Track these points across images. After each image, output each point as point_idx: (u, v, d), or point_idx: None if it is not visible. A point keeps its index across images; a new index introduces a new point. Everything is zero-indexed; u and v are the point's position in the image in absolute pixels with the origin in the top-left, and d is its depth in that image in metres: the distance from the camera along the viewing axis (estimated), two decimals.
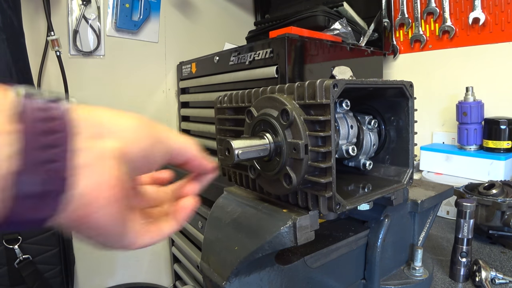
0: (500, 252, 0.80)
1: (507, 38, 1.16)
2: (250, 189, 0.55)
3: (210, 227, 0.55)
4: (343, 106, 0.49)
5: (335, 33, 1.20)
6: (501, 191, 0.82)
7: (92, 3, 1.41)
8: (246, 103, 0.53)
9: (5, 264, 1.13)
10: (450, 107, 1.29)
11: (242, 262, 0.46)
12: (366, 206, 0.52)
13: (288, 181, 0.44)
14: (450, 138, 1.31)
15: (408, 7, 1.38)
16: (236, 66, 1.20)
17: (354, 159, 0.57)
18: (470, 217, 0.66)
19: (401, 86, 0.51)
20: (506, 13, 1.14)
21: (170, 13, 1.65)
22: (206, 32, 1.78)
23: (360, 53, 1.29)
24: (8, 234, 1.13)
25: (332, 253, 0.55)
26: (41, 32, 1.31)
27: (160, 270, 1.81)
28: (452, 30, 1.27)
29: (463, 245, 0.67)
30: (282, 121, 0.43)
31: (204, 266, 0.53)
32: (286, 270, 0.51)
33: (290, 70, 1.02)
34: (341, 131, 0.51)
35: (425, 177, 1.17)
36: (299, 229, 0.43)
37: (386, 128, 0.57)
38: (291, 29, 1.06)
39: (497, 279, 0.66)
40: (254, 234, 0.47)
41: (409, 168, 0.54)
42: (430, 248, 0.84)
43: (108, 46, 1.48)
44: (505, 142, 1.08)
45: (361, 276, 0.62)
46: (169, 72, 1.69)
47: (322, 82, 0.41)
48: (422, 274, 0.63)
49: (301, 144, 0.41)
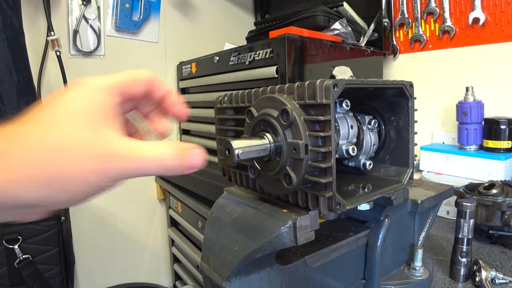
0: (500, 252, 0.80)
1: (507, 38, 1.16)
2: (250, 189, 0.55)
3: (210, 227, 0.55)
4: (343, 106, 0.49)
5: (335, 33, 1.20)
6: (501, 191, 0.82)
7: (92, 3, 1.41)
8: (246, 103, 0.53)
9: (5, 264, 1.14)
10: (450, 107, 1.29)
11: (242, 262, 0.46)
12: (366, 206, 0.52)
13: (288, 181, 0.44)
14: (450, 138, 1.31)
15: (408, 7, 1.38)
16: (236, 66, 1.20)
17: (354, 159, 0.57)
18: (470, 217, 0.66)
19: (401, 86, 0.51)
20: (506, 13, 1.14)
21: (170, 13, 1.65)
22: (206, 32, 1.78)
23: (360, 53, 1.29)
24: (8, 234, 1.14)
25: (332, 253, 0.55)
26: (41, 32, 1.31)
27: (160, 270, 1.81)
28: (452, 30, 1.27)
29: (463, 245, 0.67)
30: (282, 121, 0.43)
31: (204, 266, 0.53)
32: (286, 270, 0.51)
33: (290, 70, 1.02)
34: (341, 131, 0.51)
35: (425, 177, 1.17)
36: (299, 229, 0.43)
37: (386, 128, 0.57)
38: (291, 29, 1.06)
39: (497, 279, 0.66)
40: (254, 234, 0.47)
41: (409, 168, 0.54)
42: (430, 248, 0.84)
43: (108, 46, 1.48)
44: (505, 142, 1.08)
45: (361, 276, 0.62)
46: (169, 72, 1.69)
47: (322, 82, 0.41)
48: (422, 274, 0.63)
49: (301, 144, 0.41)
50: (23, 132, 0.27)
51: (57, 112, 0.28)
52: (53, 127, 0.27)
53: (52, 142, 0.26)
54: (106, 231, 1.61)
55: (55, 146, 0.26)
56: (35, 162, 0.26)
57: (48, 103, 0.28)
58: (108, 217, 1.60)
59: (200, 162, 0.31)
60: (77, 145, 0.27)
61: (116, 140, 0.28)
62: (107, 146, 0.28)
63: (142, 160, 0.28)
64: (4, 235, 1.13)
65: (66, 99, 0.28)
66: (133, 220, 1.68)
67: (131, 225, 1.68)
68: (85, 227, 1.52)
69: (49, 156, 0.26)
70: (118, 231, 1.64)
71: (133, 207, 1.65)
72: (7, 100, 1.03)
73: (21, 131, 0.27)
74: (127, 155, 0.28)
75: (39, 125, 0.27)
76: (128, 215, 1.65)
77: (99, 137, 0.28)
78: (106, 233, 1.61)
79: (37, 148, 0.26)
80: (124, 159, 0.28)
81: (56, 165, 0.26)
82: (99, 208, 1.57)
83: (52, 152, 0.26)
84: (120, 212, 1.63)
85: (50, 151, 0.26)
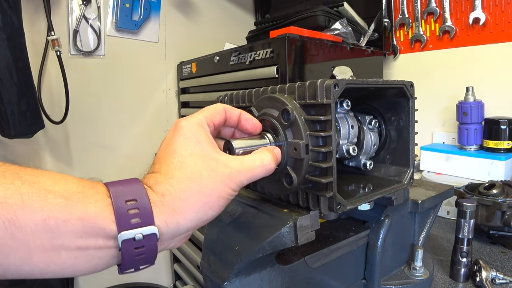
0: (500, 252, 0.80)
1: (507, 38, 1.16)
2: (250, 189, 0.55)
3: (210, 227, 0.55)
4: (344, 106, 0.49)
5: (335, 33, 1.20)
6: (501, 191, 0.82)
7: (92, 3, 1.41)
8: (247, 103, 0.53)
9: None
10: (450, 107, 1.29)
11: (242, 262, 0.46)
12: (366, 206, 0.52)
13: (289, 181, 0.44)
14: (451, 138, 1.31)
15: (409, 7, 1.38)
16: (236, 66, 1.20)
17: (354, 159, 0.57)
18: (471, 217, 0.66)
19: (401, 86, 0.51)
20: (506, 13, 1.14)
21: (170, 13, 1.65)
22: (206, 32, 1.78)
23: (361, 53, 1.29)
24: None
25: (332, 253, 0.55)
26: (41, 32, 1.30)
27: (160, 270, 1.81)
28: (452, 30, 1.27)
29: (464, 245, 0.67)
30: (283, 121, 0.43)
31: (204, 266, 0.53)
32: (287, 270, 0.51)
33: (290, 70, 1.02)
34: (342, 131, 0.51)
35: (425, 177, 1.17)
36: (299, 229, 0.43)
37: (386, 128, 0.57)
38: (292, 29, 1.06)
39: (497, 279, 0.66)
40: (255, 234, 0.47)
41: (410, 168, 0.54)
42: (430, 248, 0.84)
43: (108, 46, 1.48)
44: (505, 142, 1.08)
45: (362, 276, 0.62)
46: (169, 72, 1.69)
47: (323, 82, 0.41)
48: (423, 274, 0.63)
49: (302, 144, 0.41)
50: (168, 176, 0.35)
51: (181, 157, 0.36)
52: (186, 167, 0.36)
53: (192, 177, 0.35)
54: None
55: (196, 178, 0.35)
56: (187, 195, 0.34)
57: (165, 153, 0.37)
58: None
59: (280, 157, 0.43)
60: (208, 174, 0.36)
61: (229, 160, 0.37)
62: (228, 167, 0.37)
63: (253, 170, 0.38)
64: None
65: (177, 145, 0.37)
66: None
67: None
68: None
69: (196, 187, 0.35)
70: None
71: None
72: (7, 100, 1.03)
73: (166, 176, 0.35)
74: (243, 169, 0.37)
75: (177, 169, 0.36)
76: None
77: (219, 163, 0.37)
78: None
79: (184, 184, 0.35)
80: (243, 173, 0.37)
81: (203, 192, 0.35)
82: None
83: (196, 183, 0.35)
84: None
85: (195, 183, 0.35)
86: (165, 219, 0.33)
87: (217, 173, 0.36)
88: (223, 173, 0.36)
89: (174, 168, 0.35)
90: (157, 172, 0.36)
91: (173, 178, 0.35)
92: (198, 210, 0.35)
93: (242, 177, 0.37)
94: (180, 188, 0.34)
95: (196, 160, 0.36)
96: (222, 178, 0.36)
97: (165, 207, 0.33)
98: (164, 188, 0.34)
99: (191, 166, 0.36)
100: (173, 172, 0.35)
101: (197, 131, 0.38)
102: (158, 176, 0.35)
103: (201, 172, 0.35)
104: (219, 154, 0.38)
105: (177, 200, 0.34)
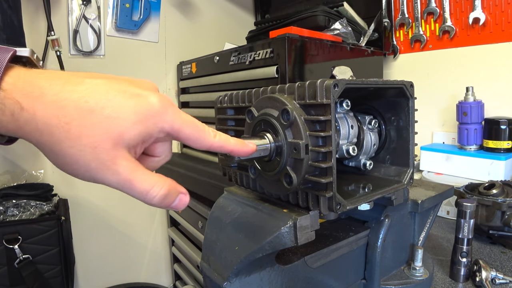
0: (500, 252, 0.80)
1: (507, 38, 1.16)
2: (250, 189, 0.55)
3: (210, 227, 0.55)
4: (344, 106, 0.49)
5: (335, 33, 1.20)
6: (501, 191, 0.82)
7: (92, 3, 1.41)
8: (247, 103, 0.53)
9: (5, 264, 1.13)
10: (450, 107, 1.29)
11: (242, 262, 0.46)
12: (366, 206, 0.52)
13: (288, 181, 0.44)
14: (450, 138, 1.31)
15: (408, 7, 1.38)
16: (236, 66, 1.20)
17: (354, 159, 0.57)
18: (471, 217, 0.66)
19: (401, 86, 0.51)
20: (506, 13, 1.14)
21: (170, 13, 1.65)
22: (206, 32, 1.78)
23: (360, 53, 1.29)
24: (8, 234, 1.14)
25: (332, 253, 0.55)
26: (41, 32, 1.31)
27: (160, 270, 1.81)
28: (452, 30, 1.27)
29: (464, 245, 0.67)
30: (283, 121, 0.43)
31: (204, 266, 0.53)
32: (287, 270, 0.51)
33: (290, 70, 1.02)
34: (342, 131, 0.51)
35: (425, 177, 1.17)
36: (299, 229, 0.43)
37: (386, 128, 0.57)
38: (291, 29, 1.06)
39: (497, 279, 0.66)
40: (255, 234, 0.47)
41: (410, 168, 0.54)
42: (430, 248, 0.84)
43: (108, 46, 1.48)
44: (505, 142, 1.08)
45: (361, 276, 0.62)
46: (169, 72, 1.69)
47: (323, 82, 0.41)
48: (423, 274, 0.63)
49: (301, 144, 0.41)
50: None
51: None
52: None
53: (76, 134, 0.29)
54: (106, 231, 1.61)
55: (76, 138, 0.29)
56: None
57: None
58: (108, 217, 1.60)
59: (180, 208, 0.34)
60: (92, 157, 0.30)
61: (125, 160, 0.31)
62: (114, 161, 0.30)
63: (133, 185, 0.31)
64: (4, 235, 1.13)
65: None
66: (133, 220, 1.68)
67: (131, 225, 1.68)
68: (85, 227, 1.52)
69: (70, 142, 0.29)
70: (118, 231, 1.64)
71: (133, 207, 1.65)
72: None
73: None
74: (125, 187, 0.31)
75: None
76: (128, 215, 1.65)
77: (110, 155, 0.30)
78: (106, 233, 1.61)
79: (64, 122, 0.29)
80: (125, 189, 0.31)
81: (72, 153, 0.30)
82: (99, 208, 1.57)
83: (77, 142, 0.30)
84: (120, 212, 1.63)
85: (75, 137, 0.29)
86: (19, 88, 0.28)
87: (98, 157, 0.30)
88: (105, 159, 0.30)
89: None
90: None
91: (63, 108, 0.29)
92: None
93: (114, 178, 0.31)
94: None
95: (96, 131, 0.29)
96: (101, 159, 0.30)
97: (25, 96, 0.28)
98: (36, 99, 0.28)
99: (88, 131, 0.29)
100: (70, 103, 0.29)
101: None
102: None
103: (86, 146, 0.29)
104: (125, 151, 0.31)
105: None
